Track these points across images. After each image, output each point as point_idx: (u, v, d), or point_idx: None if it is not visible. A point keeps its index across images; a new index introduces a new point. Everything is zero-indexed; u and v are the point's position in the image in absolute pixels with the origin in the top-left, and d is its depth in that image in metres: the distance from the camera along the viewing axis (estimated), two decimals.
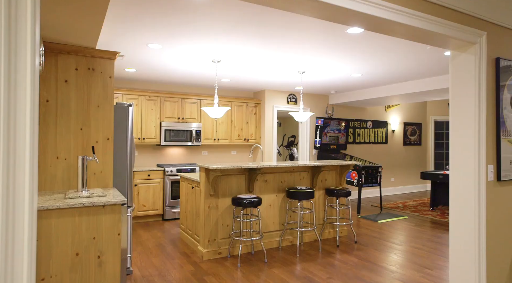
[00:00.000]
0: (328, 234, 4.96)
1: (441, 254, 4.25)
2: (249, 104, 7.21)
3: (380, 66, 4.94)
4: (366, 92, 7.02)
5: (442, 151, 10.01)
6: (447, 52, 4.18)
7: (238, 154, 7.45)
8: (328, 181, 5.01)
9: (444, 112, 9.88)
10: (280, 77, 5.89)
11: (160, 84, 6.60)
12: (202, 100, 6.64)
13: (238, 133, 7.06)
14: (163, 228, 5.41)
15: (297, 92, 7.63)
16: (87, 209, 2.50)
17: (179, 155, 6.75)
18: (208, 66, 4.99)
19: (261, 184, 4.44)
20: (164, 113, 6.25)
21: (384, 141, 9.10)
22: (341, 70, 5.25)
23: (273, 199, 4.54)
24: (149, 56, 4.48)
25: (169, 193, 5.94)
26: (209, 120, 6.72)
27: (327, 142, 7.77)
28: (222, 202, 4.16)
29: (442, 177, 6.56)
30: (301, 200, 4.31)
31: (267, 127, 7.27)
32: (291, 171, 4.68)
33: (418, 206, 7.40)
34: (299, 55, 4.37)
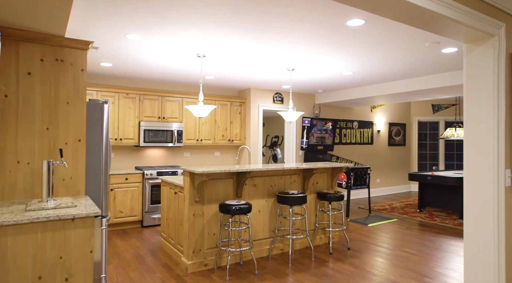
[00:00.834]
0: (319, 240, 4.71)
1: (437, 260, 4.08)
2: (234, 103, 6.88)
3: (373, 63, 4.73)
4: (355, 91, 6.84)
5: (425, 152, 10.03)
6: (444, 50, 4.01)
7: (222, 155, 7.11)
8: (319, 184, 4.75)
9: (428, 113, 9.89)
10: (267, 75, 5.59)
11: (139, 81, 6.16)
12: (184, 98, 6.25)
13: (222, 133, 6.72)
14: (142, 236, 5.00)
15: (283, 91, 7.37)
16: (52, 223, 2.11)
17: (159, 157, 6.33)
18: (193, 61, 4.63)
19: (250, 189, 4.13)
20: (143, 112, 5.82)
21: (370, 142, 8.99)
22: (332, 68, 5.02)
23: (263, 204, 4.23)
24: (127, 49, 4.08)
25: (149, 197, 5.53)
26: (192, 120, 6.35)
27: (314, 142, 7.55)
28: (208, 209, 3.82)
29: (430, 178, 6.46)
30: (293, 205, 4.03)
31: (252, 127, 6.96)
32: (282, 174, 4.39)
33: (405, 207, 7.29)
34: (290, 50, 4.08)
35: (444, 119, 9.82)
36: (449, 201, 6.48)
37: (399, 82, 5.96)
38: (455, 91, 5.77)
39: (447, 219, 6.23)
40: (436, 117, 9.85)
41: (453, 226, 5.70)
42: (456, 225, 5.79)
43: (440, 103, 9.80)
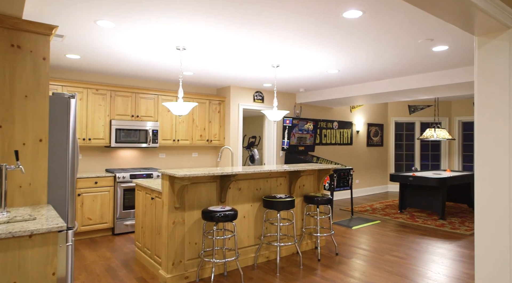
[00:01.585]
0: (306, 245, 4.48)
1: (427, 265, 3.96)
2: (213, 101, 6.54)
3: (361, 60, 4.56)
4: (337, 91, 6.70)
5: (402, 152, 10.12)
6: (435, 48, 3.89)
7: (200, 156, 6.74)
8: (306, 187, 4.52)
9: (404, 113, 9.98)
10: (249, 72, 5.31)
11: (111, 76, 5.69)
12: (160, 96, 5.84)
13: (200, 133, 6.36)
14: (113, 246, 4.56)
15: (264, 90, 7.11)
16: (3, 242, 1.72)
17: (132, 158, 5.88)
18: (172, 54, 4.26)
19: (234, 193, 3.83)
20: (115, 109, 5.36)
21: (349, 142, 8.93)
22: (319, 65, 4.81)
23: (248, 210, 3.94)
24: (97, 38, 3.66)
25: (121, 202, 5.09)
26: (168, 119, 5.95)
27: (295, 143, 7.35)
28: (189, 216, 3.48)
29: (412, 179, 6.43)
30: (280, 210, 3.77)
31: (232, 127, 6.65)
32: (268, 177, 4.12)
33: (386, 208, 7.24)
34: (276, 44, 3.82)
35: (420, 120, 9.95)
36: (429, 202, 6.48)
37: (383, 82, 5.86)
38: (440, 91, 5.74)
39: (428, 219, 6.21)
40: (412, 118, 9.96)
41: (435, 227, 5.66)
42: (438, 225, 5.76)
43: (416, 104, 9.92)
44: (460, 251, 4.44)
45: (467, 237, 5.12)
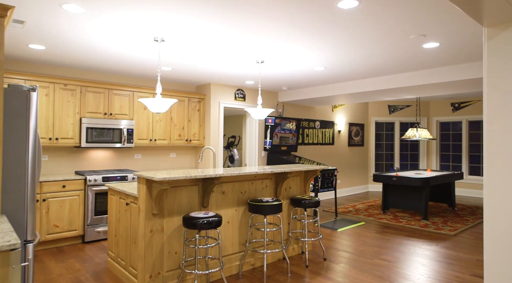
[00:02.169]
0: (292, 250, 4.26)
1: (418, 269, 3.83)
2: (192, 99, 6.22)
3: (349, 57, 4.39)
4: (322, 89, 6.54)
5: (382, 152, 10.14)
6: (426, 45, 3.77)
7: (178, 157, 6.40)
8: (292, 189, 4.31)
9: (384, 113, 10.00)
10: (231, 68, 5.03)
11: (81, 70, 5.25)
12: (135, 92, 5.46)
13: (179, 133, 6.02)
14: (83, 256, 4.16)
15: (246, 88, 6.85)
16: None
17: (105, 159, 5.47)
18: (149, 46, 3.92)
19: (217, 197, 3.55)
20: (85, 107, 4.95)
21: (331, 142, 8.83)
22: (305, 61, 4.60)
23: (232, 214, 3.67)
24: (64, 26, 3.28)
25: (92, 207, 4.68)
26: (144, 117, 5.58)
27: (278, 143, 7.14)
28: (169, 223, 3.17)
29: (396, 179, 6.36)
30: (267, 214, 3.53)
31: (212, 126, 6.35)
32: (253, 179, 3.87)
33: (369, 209, 7.17)
34: (261, 37, 3.58)
35: (400, 120, 10.00)
36: (412, 202, 6.44)
37: (369, 80, 5.74)
38: (426, 90, 5.68)
39: (411, 220, 6.16)
40: (392, 118, 10.00)
41: (420, 228, 5.60)
42: (422, 226, 5.71)
43: (396, 104, 9.97)
44: (447, 252, 4.36)
45: (451, 237, 5.08)
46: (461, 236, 5.14)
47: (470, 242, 4.82)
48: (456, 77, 4.67)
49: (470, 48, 3.89)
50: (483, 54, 2.04)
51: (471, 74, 4.54)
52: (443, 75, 4.81)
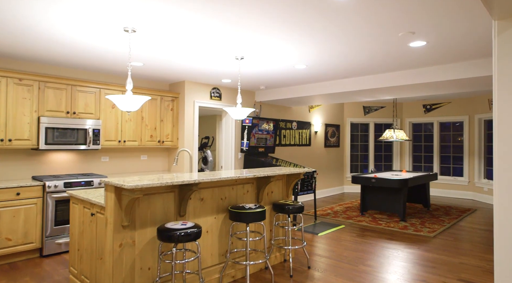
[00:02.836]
0: (274, 259, 4.02)
1: (405, 274, 3.70)
2: (165, 98, 5.83)
3: (333, 54, 4.22)
4: (301, 89, 6.35)
5: (357, 153, 10.16)
6: (413, 43, 3.65)
7: (150, 159, 5.98)
8: (275, 194, 4.06)
9: (359, 114, 10.03)
10: (207, 64, 4.72)
11: (40, 63, 4.73)
12: (102, 89, 5.01)
13: (150, 133, 5.61)
14: (41, 272, 3.69)
15: (222, 86, 6.54)
16: None
17: (67, 163, 4.97)
18: (118, 37, 3.53)
19: (195, 204, 3.23)
20: (45, 104, 4.45)
21: (308, 143, 8.69)
22: (287, 58, 4.38)
23: (211, 223, 3.37)
24: (18, 12, 2.84)
25: (52, 217, 4.20)
26: (113, 117, 5.13)
27: (255, 144, 6.89)
28: (141, 236, 2.82)
29: (375, 180, 6.29)
30: (250, 222, 3.26)
31: (187, 126, 5.99)
32: (234, 184, 3.58)
33: (347, 211, 7.08)
34: (243, 30, 3.30)
35: (374, 121, 10.07)
36: (390, 203, 6.40)
37: (350, 80, 5.61)
38: (407, 91, 5.63)
39: (390, 222, 6.12)
40: (367, 119, 10.04)
41: (399, 230, 5.54)
42: (401, 228, 5.66)
43: (370, 106, 10.03)
44: (430, 256, 4.28)
45: (431, 239, 5.04)
46: (440, 238, 5.12)
47: (450, 244, 4.79)
48: (441, 78, 4.62)
49: (457, 48, 3.82)
50: (493, 49, 1.88)
51: (455, 75, 4.50)
52: (427, 75, 4.75)
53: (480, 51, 3.96)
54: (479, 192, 8.54)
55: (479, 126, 8.70)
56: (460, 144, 9.16)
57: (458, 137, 9.20)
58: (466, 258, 4.22)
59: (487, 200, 8.25)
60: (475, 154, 8.73)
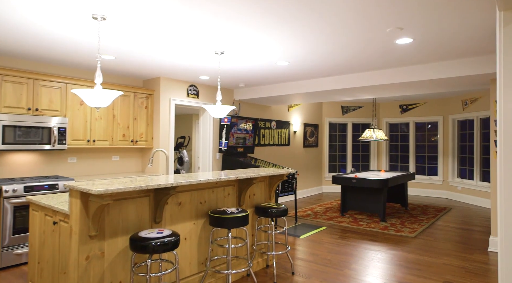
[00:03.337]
0: (257, 264, 3.81)
1: (391, 279, 3.60)
2: (139, 95, 5.48)
3: (318, 50, 4.06)
4: (281, 87, 6.18)
5: (335, 153, 10.15)
6: (399, 40, 3.55)
7: (122, 160, 5.61)
8: (257, 196, 3.85)
9: (337, 114, 10.01)
10: (184, 59, 4.44)
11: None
12: (69, 84, 4.61)
13: (122, 132, 5.25)
14: None
15: (199, 84, 6.27)
16: None
17: (29, 164, 4.54)
18: (86, 25, 3.20)
19: (173, 209, 2.96)
20: (2, 100, 4.02)
21: (287, 143, 8.56)
22: (269, 54, 4.18)
23: (190, 229, 3.11)
24: None
25: (10, 225, 3.79)
26: (81, 114, 4.74)
27: (234, 144, 6.65)
28: (111, 246, 2.53)
29: (355, 181, 6.23)
30: (232, 228, 3.03)
31: (162, 125, 5.67)
32: (214, 187, 3.34)
33: (327, 212, 6.98)
34: (223, 20, 3.08)
35: (352, 121, 10.09)
36: (370, 204, 6.36)
37: (332, 78, 5.49)
38: (390, 90, 5.58)
39: (371, 222, 6.06)
40: (345, 118, 10.05)
41: (381, 231, 5.49)
42: (382, 229, 5.61)
43: (348, 105, 10.04)
44: (413, 257, 4.22)
45: (412, 240, 5.01)
46: (421, 238, 5.10)
47: (431, 244, 4.77)
48: (425, 76, 4.58)
49: (444, 46, 3.76)
50: (497, 43, 1.76)
51: (440, 74, 4.47)
52: (412, 74, 4.70)
53: (469, 50, 3.93)
54: (453, 191, 8.72)
55: (452, 126, 8.88)
56: (434, 143, 9.32)
57: (432, 137, 9.37)
58: (448, 258, 4.19)
59: (460, 198, 8.43)
60: (449, 153, 8.91)
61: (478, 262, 4.06)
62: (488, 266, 3.93)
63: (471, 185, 8.12)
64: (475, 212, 7.11)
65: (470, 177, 8.28)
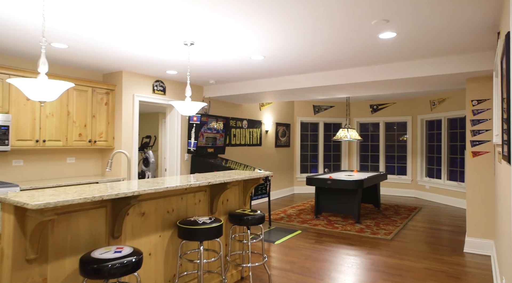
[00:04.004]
0: (231, 277, 3.46)
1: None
2: (98, 90, 4.95)
3: (297, 43, 3.78)
4: (255, 84, 5.86)
5: (307, 153, 10.00)
6: (382, 34, 3.35)
7: (78, 162, 5.05)
8: (230, 202, 3.50)
9: (309, 113, 9.87)
10: (150, 51, 4.01)
11: None
12: (13, 76, 4.02)
13: (79, 131, 4.71)
14: None
15: (166, 79, 5.81)
16: None
17: None
18: (27, 5, 2.70)
19: (135, 221, 2.55)
20: None
21: (259, 143, 8.26)
22: (244, 46, 3.85)
23: (155, 243, 2.71)
24: None
25: None
26: (27, 111, 4.16)
27: (204, 144, 6.25)
28: (57, 271, 2.08)
29: (330, 182, 6.04)
30: (204, 240, 2.67)
31: (125, 124, 5.17)
32: (183, 193, 2.96)
33: (301, 214, 6.76)
34: (194, 5, 2.71)
35: (324, 121, 9.99)
36: (344, 205, 6.21)
37: (309, 76, 5.25)
38: (365, 88, 5.42)
39: (346, 224, 5.91)
40: (317, 118, 9.93)
41: (357, 234, 5.33)
42: (358, 231, 5.46)
43: (320, 105, 9.93)
44: (393, 263, 4.06)
45: (390, 243, 4.88)
46: (398, 240, 4.99)
47: (409, 247, 4.66)
48: (405, 75, 4.44)
49: (428, 42, 3.61)
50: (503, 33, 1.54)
51: (421, 73, 4.35)
52: (392, 72, 4.55)
53: (452, 48, 3.81)
54: (421, 190, 8.84)
55: (421, 126, 9.01)
56: (403, 143, 9.42)
57: (401, 137, 9.47)
58: (428, 262, 4.07)
59: (428, 197, 8.55)
60: (418, 153, 9.03)
61: (457, 265, 3.97)
62: (468, 269, 3.84)
63: (438, 184, 8.25)
64: (443, 210, 7.19)
65: (438, 176, 8.41)
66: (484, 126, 4.38)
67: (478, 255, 4.33)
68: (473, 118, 4.46)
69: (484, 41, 3.56)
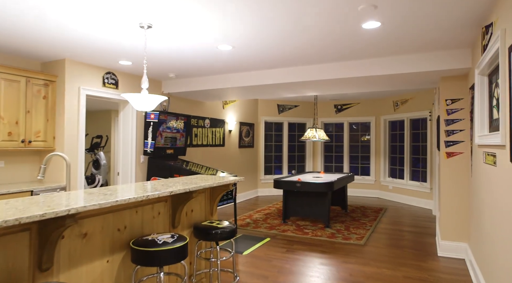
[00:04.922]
0: None
1: None
2: (34, 80, 4.18)
3: (271, 32, 3.36)
4: (221, 79, 5.37)
5: (271, 153, 9.68)
6: (366, 24, 3.04)
7: (9, 166, 4.24)
8: (195, 213, 3.00)
9: (273, 113, 9.54)
10: (99, 33, 3.38)
11: None
12: None
13: (8, 130, 3.93)
14: None
15: (119, 71, 5.13)
16: None
17: None
18: None
19: (73, 245, 1.97)
20: None
21: (222, 143, 7.77)
22: (209, 33, 3.35)
23: (102, 271, 2.14)
24: None
25: None
26: None
27: (163, 144, 5.64)
28: None
29: (300, 185, 5.71)
30: (164, 265, 2.15)
31: (68, 122, 4.44)
32: (138, 205, 2.41)
33: (267, 219, 6.38)
34: None
35: (288, 120, 9.72)
36: (313, 209, 5.92)
37: (280, 71, 4.86)
38: (340, 86, 5.13)
39: (316, 229, 5.61)
40: (281, 117, 9.63)
41: (328, 239, 5.04)
42: (329, 236, 5.18)
43: (284, 104, 9.65)
44: (372, 271, 3.80)
45: (363, 248, 4.64)
46: (371, 245, 4.77)
47: (383, 253, 4.44)
48: (384, 71, 4.20)
49: (412, 34, 3.36)
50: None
51: (401, 69, 4.12)
52: (371, 68, 4.29)
53: (436, 43, 3.60)
54: (384, 190, 8.87)
55: (384, 127, 9.04)
56: (367, 143, 9.42)
57: (363, 137, 9.46)
58: (406, 269, 3.85)
59: (392, 198, 8.58)
60: (381, 153, 9.05)
61: (435, 271, 3.79)
62: (447, 275, 3.67)
63: (401, 184, 8.30)
64: (408, 211, 7.19)
65: (400, 176, 8.47)
66: (459, 127, 4.27)
67: (453, 259, 4.21)
68: (447, 118, 4.34)
69: (466, 38, 3.39)
